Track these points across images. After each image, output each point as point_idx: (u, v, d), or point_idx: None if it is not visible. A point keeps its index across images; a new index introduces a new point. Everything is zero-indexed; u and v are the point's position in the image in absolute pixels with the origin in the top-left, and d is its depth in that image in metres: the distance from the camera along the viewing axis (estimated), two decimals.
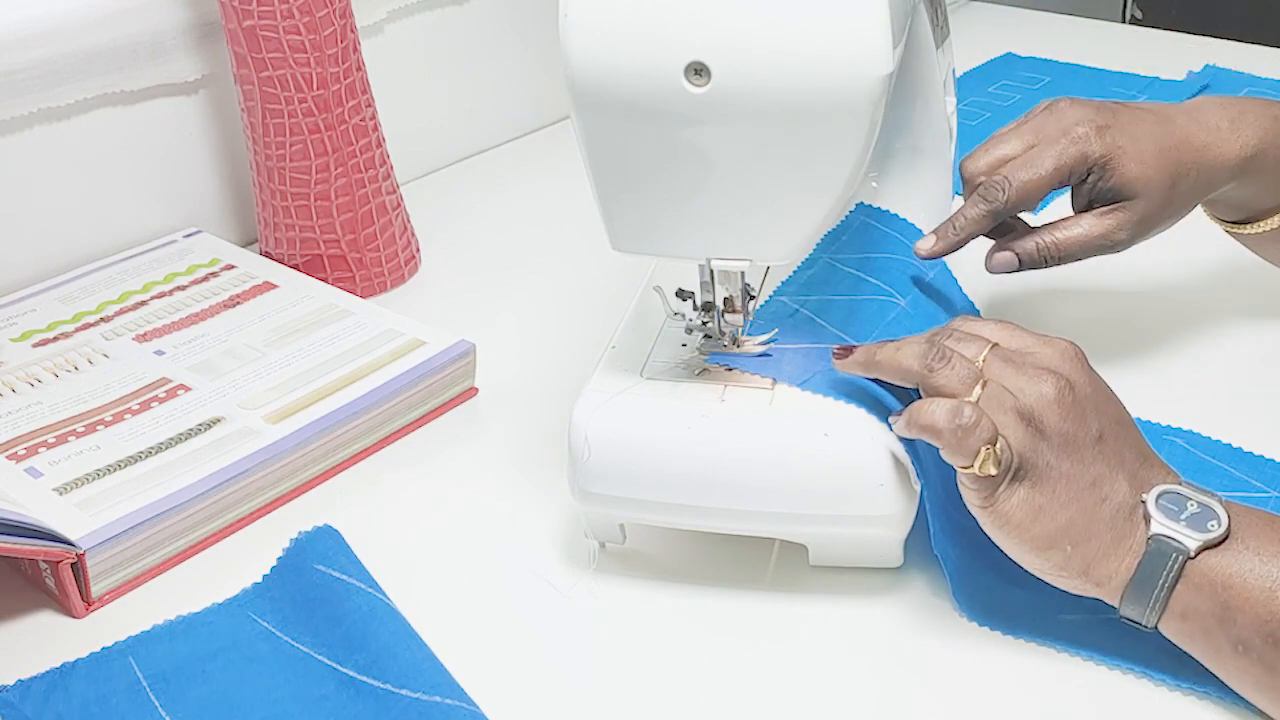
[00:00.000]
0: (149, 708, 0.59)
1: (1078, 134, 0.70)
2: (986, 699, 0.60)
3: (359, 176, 0.92)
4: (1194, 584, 0.56)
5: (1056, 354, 0.61)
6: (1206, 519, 0.57)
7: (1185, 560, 0.56)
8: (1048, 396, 0.59)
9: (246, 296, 0.88)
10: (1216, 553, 0.56)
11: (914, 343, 0.61)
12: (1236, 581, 0.55)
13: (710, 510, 0.63)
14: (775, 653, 0.63)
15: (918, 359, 0.60)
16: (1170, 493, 0.58)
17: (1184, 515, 0.57)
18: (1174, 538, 0.56)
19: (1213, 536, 0.56)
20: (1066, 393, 0.59)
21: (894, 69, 0.57)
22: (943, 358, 0.60)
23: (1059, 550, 0.58)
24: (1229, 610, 0.55)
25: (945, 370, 0.60)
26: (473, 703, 0.58)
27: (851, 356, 0.63)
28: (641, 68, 0.56)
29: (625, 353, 0.68)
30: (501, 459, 0.77)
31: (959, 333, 0.63)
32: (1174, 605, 0.56)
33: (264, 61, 0.87)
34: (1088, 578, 0.58)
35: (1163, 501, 0.57)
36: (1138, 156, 0.70)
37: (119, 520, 0.67)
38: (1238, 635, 0.55)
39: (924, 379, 0.60)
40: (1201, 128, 0.72)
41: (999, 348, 0.61)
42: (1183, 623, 0.57)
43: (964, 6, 1.51)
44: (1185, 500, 0.57)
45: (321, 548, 0.65)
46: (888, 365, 0.61)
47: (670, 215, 0.61)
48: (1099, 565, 0.58)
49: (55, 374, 0.80)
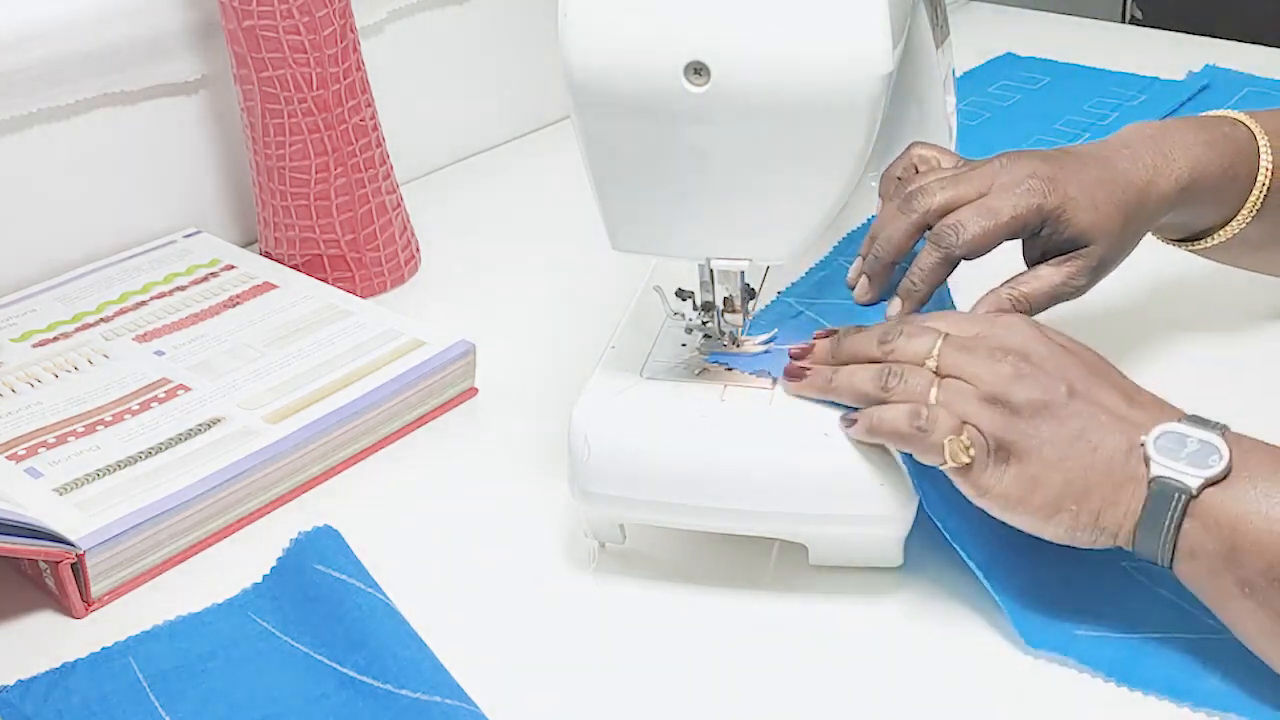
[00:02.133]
0: (149, 707, 0.59)
1: (1031, 185, 0.69)
2: (987, 699, 0.60)
3: (359, 176, 0.92)
4: (1201, 523, 0.56)
5: (1006, 330, 0.62)
6: (1207, 455, 0.57)
7: (1188, 499, 0.56)
8: (1006, 374, 0.60)
9: (246, 297, 0.88)
10: (1220, 489, 0.56)
11: (866, 366, 0.62)
12: (1242, 524, 0.56)
13: (710, 510, 0.63)
14: (775, 652, 0.63)
15: (871, 382, 0.61)
16: (1170, 432, 0.58)
17: (1184, 453, 0.57)
18: (1175, 478, 0.57)
19: (1214, 473, 0.56)
20: (1023, 364, 0.60)
21: (894, 69, 0.57)
22: (895, 374, 0.61)
23: (1065, 512, 0.58)
24: (1235, 551, 0.56)
25: (900, 386, 0.61)
26: (473, 703, 0.57)
27: (807, 379, 0.64)
28: (641, 68, 0.56)
29: (625, 353, 0.68)
30: (501, 459, 0.77)
31: (909, 328, 0.63)
32: (1182, 545, 0.57)
33: (264, 61, 0.87)
34: (1102, 530, 0.58)
35: (1162, 441, 0.58)
36: (1089, 204, 0.70)
37: (119, 520, 0.67)
38: (1244, 577, 0.55)
39: (882, 400, 0.61)
40: (1139, 166, 0.73)
41: (951, 338, 0.62)
42: (1191, 562, 0.57)
43: (964, 6, 1.51)
44: (1185, 438, 0.58)
45: (321, 548, 0.65)
46: (844, 389, 0.62)
47: (670, 215, 0.61)
48: (1107, 514, 0.58)
49: (55, 374, 0.80)
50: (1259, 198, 0.75)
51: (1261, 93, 1.21)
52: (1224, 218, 0.76)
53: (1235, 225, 0.76)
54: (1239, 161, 0.75)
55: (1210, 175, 0.74)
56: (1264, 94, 1.21)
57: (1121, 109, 1.18)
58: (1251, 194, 0.75)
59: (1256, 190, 0.75)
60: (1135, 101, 1.20)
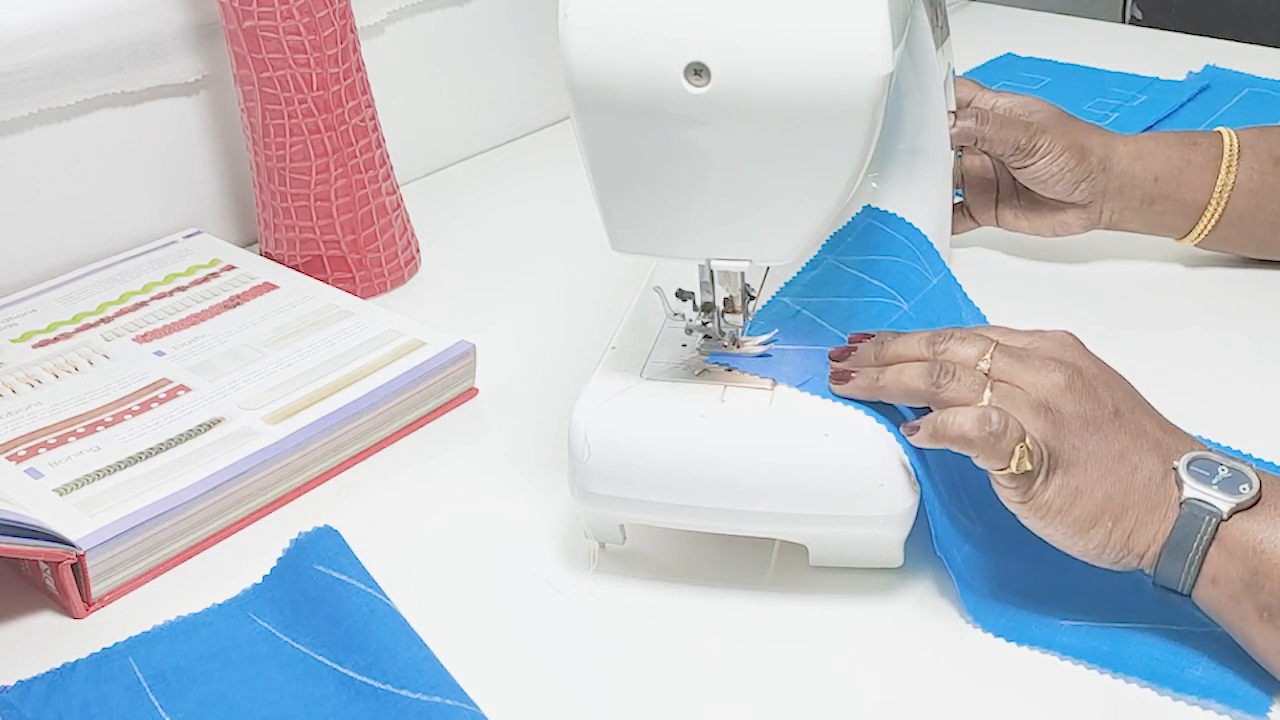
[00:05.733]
0: (149, 708, 0.59)
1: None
2: (986, 700, 0.60)
3: (359, 177, 0.92)
4: (1226, 548, 0.57)
5: (1057, 344, 0.63)
6: (1238, 482, 0.58)
7: (1219, 523, 0.57)
8: (1059, 385, 0.60)
9: (247, 297, 0.88)
10: (1248, 516, 0.57)
11: (915, 364, 0.62)
12: (1267, 548, 0.56)
13: (710, 511, 0.63)
14: (775, 653, 0.63)
15: (922, 378, 0.61)
16: (1201, 459, 0.59)
17: (1215, 480, 0.58)
18: (1207, 501, 0.57)
19: (1244, 499, 0.57)
20: (1075, 378, 0.60)
21: (894, 69, 0.57)
22: (946, 372, 0.61)
23: (1101, 528, 0.59)
24: (1257, 576, 0.56)
25: (952, 384, 0.60)
26: (473, 703, 0.58)
27: (853, 382, 0.63)
28: (641, 68, 0.56)
29: (625, 353, 0.68)
30: (501, 459, 0.77)
31: (959, 333, 0.63)
32: (1206, 569, 0.57)
33: (264, 62, 0.87)
34: (1129, 550, 0.59)
35: (1194, 467, 0.59)
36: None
37: (119, 521, 0.67)
38: (1264, 602, 0.56)
39: (933, 396, 0.61)
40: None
41: (1002, 346, 0.62)
42: (1213, 588, 0.57)
43: (964, 6, 1.51)
44: (1216, 465, 0.59)
45: (321, 548, 0.65)
46: (893, 389, 0.62)
47: (670, 216, 0.61)
48: (1137, 535, 0.59)
49: (55, 374, 0.80)
50: (1233, 155, 0.87)
51: (1261, 93, 1.21)
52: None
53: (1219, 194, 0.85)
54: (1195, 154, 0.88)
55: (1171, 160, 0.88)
56: (1264, 94, 1.21)
57: (1121, 109, 1.18)
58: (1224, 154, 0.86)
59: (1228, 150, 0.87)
60: (1135, 102, 1.20)
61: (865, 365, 0.64)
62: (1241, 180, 0.87)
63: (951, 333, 0.63)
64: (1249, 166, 0.87)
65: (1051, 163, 0.87)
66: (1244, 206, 0.88)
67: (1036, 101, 0.90)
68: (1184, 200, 0.88)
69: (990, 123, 0.87)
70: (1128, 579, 0.62)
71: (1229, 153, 0.87)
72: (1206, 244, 0.90)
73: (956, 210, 0.94)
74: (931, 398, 0.61)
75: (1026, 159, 0.87)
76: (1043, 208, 0.91)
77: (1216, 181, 0.87)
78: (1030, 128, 0.87)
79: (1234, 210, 0.88)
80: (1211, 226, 0.88)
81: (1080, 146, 0.87)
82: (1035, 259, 0.95)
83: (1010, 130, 0.87)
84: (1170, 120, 1.16)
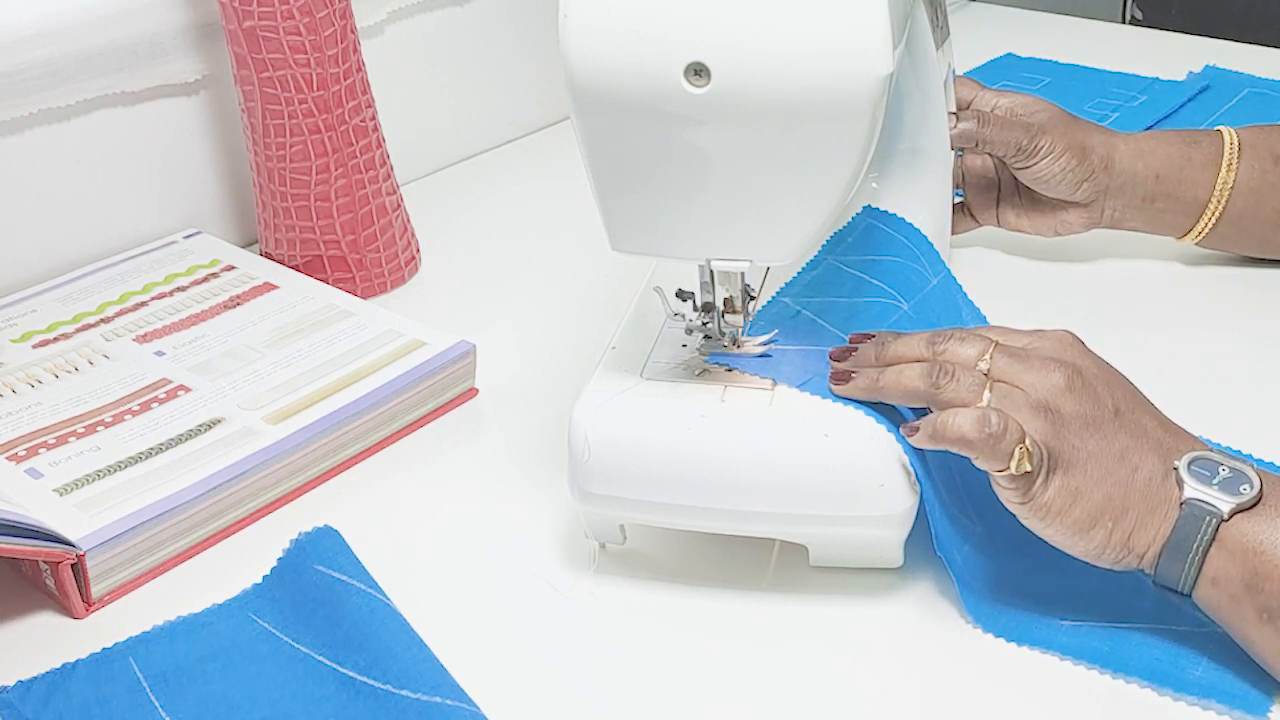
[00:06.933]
0: (149, 708, 0.59)
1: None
2: (987, 700, 0.60)
3: (359, 177, 0.92)
4: (1226, 548, 0.57)
5: (1057, 344, 0.63)
6: (1239, 483, 0.58)
7: (1219, 523, 0.57)
8: (1059, 385, 0.60)
9: (247, 297, 0.88)
10: (1249, 516, 0.57)
11: (915, 364, 0.62)
12: (1267, 549, 0.56)
13: (710, 511, 0.63)
14: (775, 653, 0.63)
15: (922, 378, 0.61)
16: (1202, 459, 0.59)
17: (1216, 480, 0.58)
18: (1207, 501, 0.57)
19: (1245, 499, 0.57)
20: (1075, 378, 0.60)
21: (894, 69, 0.57)
22: (946, 372, 0.61)
23: (1101, 528, 0.58)
24: (1257, 577, 0.56)
25: (952, 385, 0.60)
26: (473, 703, 0.58)
27: (853, 382, 0.63)
28: (641, 68, 0.56)
29: (625, 353, 0.68)
30: (501, 459, 0.77)
31: (959, 333, 0.63)
32: (1206, 570, 0.57)
33: (264, 62, 0.87)
34: (1129, 550, 0.59)
35: (1194, 467, 0.59)
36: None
37: (119, 521, 0.67)
38: (1264, 603, 0.56)
39: (933, 397, 0.61)
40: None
41: (1001, 346, 0.62)
42: (1213, 588, 0.57)
43: (964, 7, 1.51)
44: (1217, 465, 0.59)
45: (321, 548, 0.65)
46: (893, 389, 0.62)
47: (670, 216, 0.61)
48: (1138, 535, 0.58)
49: (55, 375, 0.80)
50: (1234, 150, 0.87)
51: (1261, 93, 1.21)
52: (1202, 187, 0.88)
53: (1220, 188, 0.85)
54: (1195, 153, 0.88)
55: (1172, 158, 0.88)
56: (1264, 94, 1.21)
57: (1121, 109, 1.18)
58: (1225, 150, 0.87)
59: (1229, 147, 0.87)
60: (1135, 102, 1.20)
61: (865, 366, 0.64)
62: (1242, 179, 0.87)
63: (951, 333, 0.63)
64: (1249, 165, 0.87)
65: (1053, 163, 0.87)
66: (1244, 205, 0.88)
67: (1037, 101, 0.90)
68: (1185, 198, 0.88)
69: (991, 125, 0.87)
70: (1128, 579, 0.62)
71: (1230, 151, 0.88)
72: (1207, 242, 0.90)
73: (957, 210, 0.94)
74: (931, 398, 0.61)
75: (1028, 160, 0.87)
76: (1044, 207, 0.91)
77: (1217, 180, 0.87)
78: (1031, 128, 0.87)
79: (1234, 209, 0.88)
80: (1212, 225, 0.89)
81: (1081, 146, 0.88)
82: (1035, 259, 0.95)
83: (1011, 131, 0.87)
84: (1170, 120, 1.16)
